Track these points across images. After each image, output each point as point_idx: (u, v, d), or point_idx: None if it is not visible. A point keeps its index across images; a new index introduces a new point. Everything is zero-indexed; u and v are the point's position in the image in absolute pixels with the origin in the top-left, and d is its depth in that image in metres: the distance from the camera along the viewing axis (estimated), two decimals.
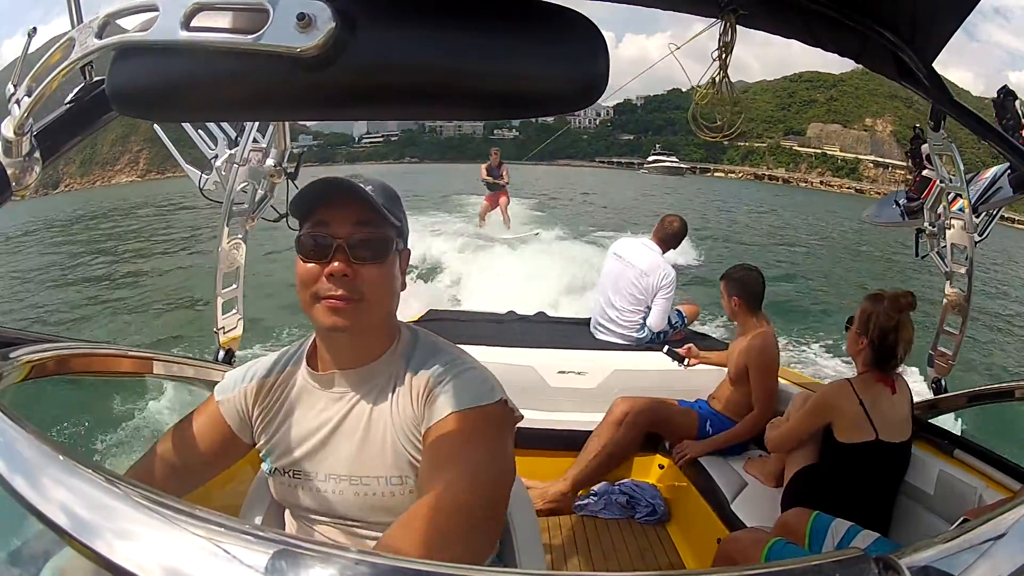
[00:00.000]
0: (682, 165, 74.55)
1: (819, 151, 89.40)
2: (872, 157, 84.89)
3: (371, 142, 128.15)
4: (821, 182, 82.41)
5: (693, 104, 1.42)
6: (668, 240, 3.04)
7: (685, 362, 2.71)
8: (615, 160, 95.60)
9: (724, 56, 1.23)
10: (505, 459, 0.83)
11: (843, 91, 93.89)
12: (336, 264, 0.82)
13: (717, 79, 1.32)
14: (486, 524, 0.74)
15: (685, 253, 9.61)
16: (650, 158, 78.57)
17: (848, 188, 78.17)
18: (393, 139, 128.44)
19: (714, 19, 1.13)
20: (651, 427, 2.46)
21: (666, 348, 2.77)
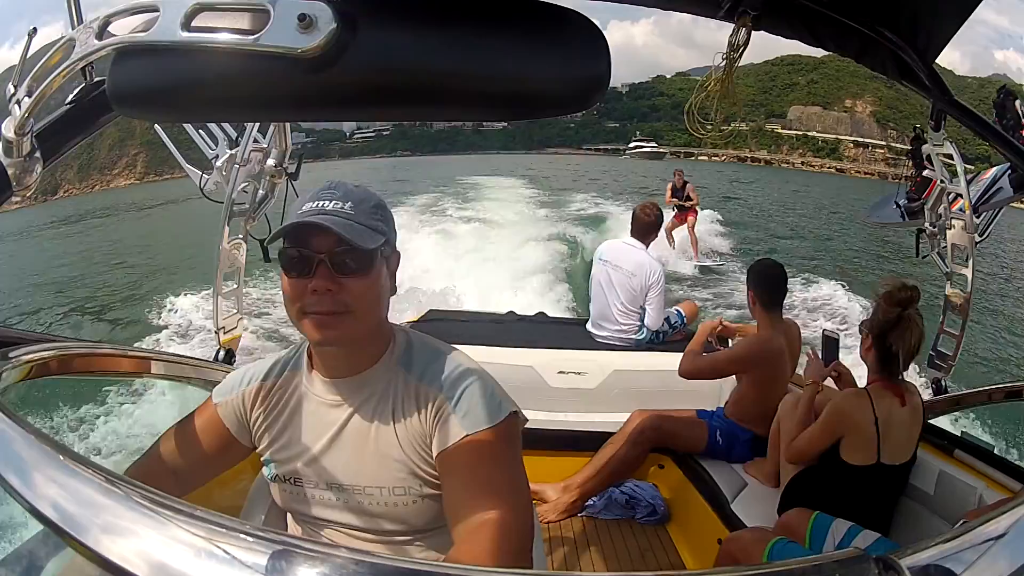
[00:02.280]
0: (661, 150, 78.30)
1: (800, 133, 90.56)
2: (852, 137, 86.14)
3: (363, 137, 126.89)
4: (803, 163, 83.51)
5: (692, 101, 1.42)
6: (646, 232, 3.02)
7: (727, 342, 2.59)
8: (601, 147, 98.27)
9: (735, 58, 1.23)
10: (522, 471, 0.86)
11: (823, 74, 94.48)
12: (319, 280, 0.81)
13: (719, 76, 1.32)
14: (526, 537, 0.78)
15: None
16: (631, 145, 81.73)
17: (829, 168, 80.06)
18: (384, 133, 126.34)
19: (731, 23, 1.13)
20: (659, 443, 2.42)
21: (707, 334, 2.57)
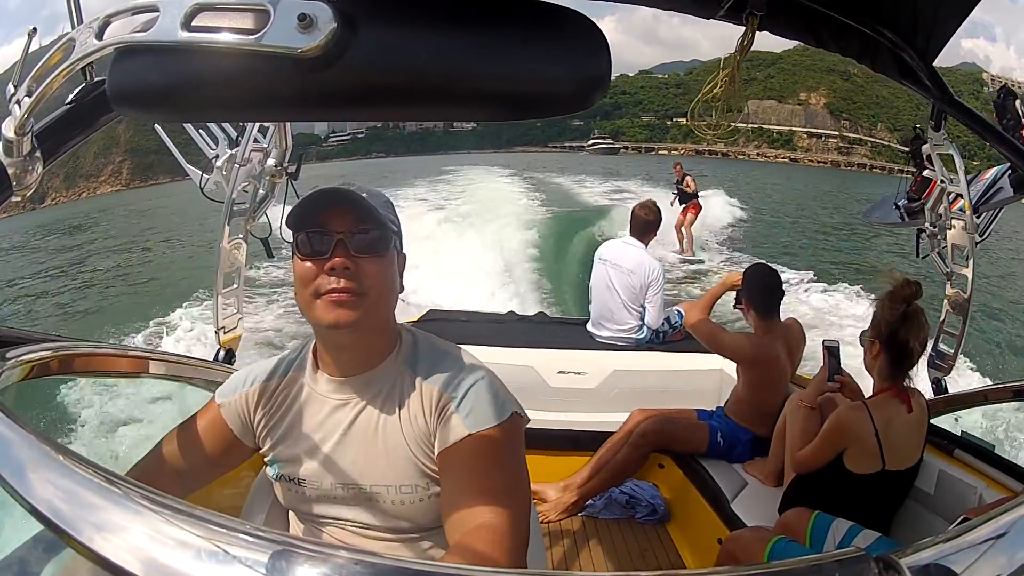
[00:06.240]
0: (616, 145, 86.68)
1: (756, 125, 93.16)
2: (806, 129, 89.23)
3: (338, 140, 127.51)
4: (758, 154, 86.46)
5: (696, 103, 1.43)
6: (645, 230, 3.03)
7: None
8: (566, 144, 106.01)
9: (739, 58, 1.23)
10: (523, 472, 0.86)
11: (781, 68, 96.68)
12: (337, 258, 0.82)
13: (725, 78, 1.32)
14: (520, 541, 0.78)
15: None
16: (589, 142, 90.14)
17: (783, 158, 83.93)
18: (359, 136, 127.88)
19: (729, 23, 1.12)
20: (660, 445, 2.40)
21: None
